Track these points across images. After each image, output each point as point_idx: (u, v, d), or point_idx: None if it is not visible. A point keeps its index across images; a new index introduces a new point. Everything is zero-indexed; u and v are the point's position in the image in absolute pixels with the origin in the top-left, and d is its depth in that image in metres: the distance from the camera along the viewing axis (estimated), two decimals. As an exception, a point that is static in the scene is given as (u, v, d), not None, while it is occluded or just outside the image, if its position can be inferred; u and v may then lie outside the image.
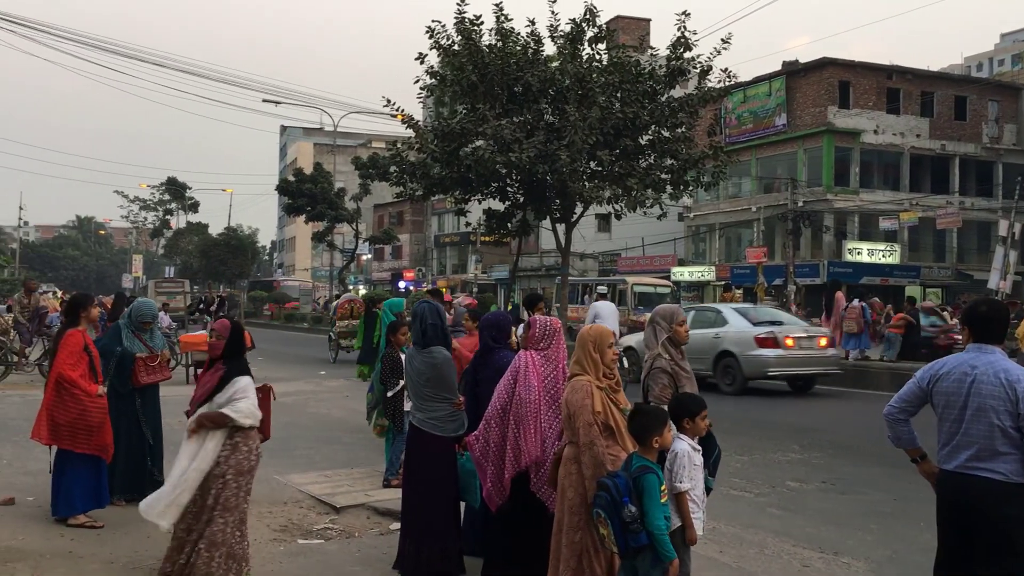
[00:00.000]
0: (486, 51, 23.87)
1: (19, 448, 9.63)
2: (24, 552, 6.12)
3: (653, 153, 25.03)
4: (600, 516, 4.32)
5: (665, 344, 5.48)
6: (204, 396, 5.62)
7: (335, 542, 6.92)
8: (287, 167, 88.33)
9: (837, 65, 41.84)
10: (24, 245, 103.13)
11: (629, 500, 4.26)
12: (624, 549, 4.27)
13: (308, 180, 49.56)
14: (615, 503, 4.25)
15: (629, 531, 4.25)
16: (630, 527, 4.24)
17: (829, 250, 41.06)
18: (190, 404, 5.80)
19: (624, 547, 4.27)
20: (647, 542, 4.28)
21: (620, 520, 4.24)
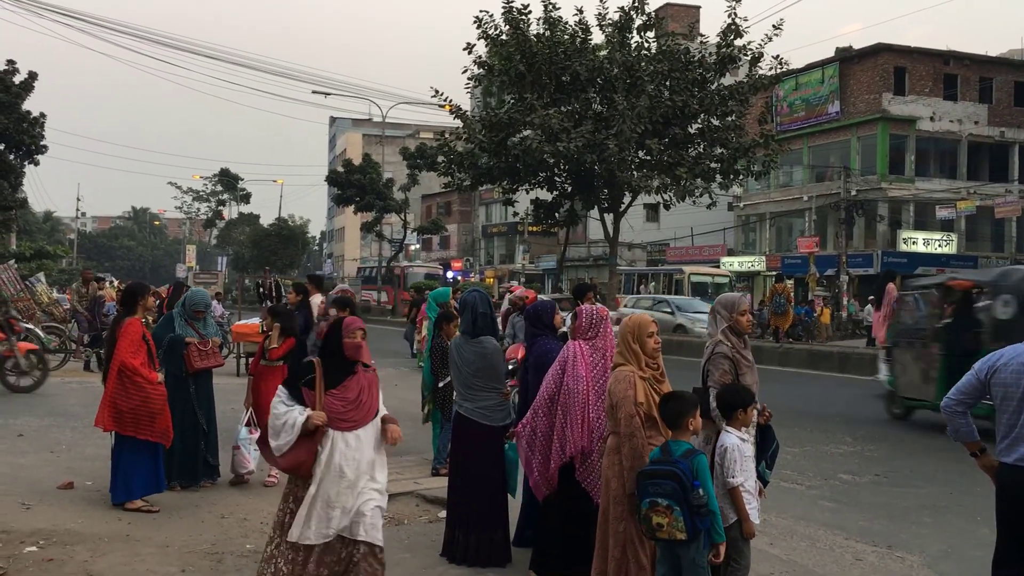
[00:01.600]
0: (534, 40, 23.85)
1: (78, 434, 9.86)
2: (83, 535, 6.27)
3: (703, 142, 24.83)
4: (659, 505, 4.28)
5: (726, 332, 5.40)
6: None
7: (384, 529, 6.96)
8: (336, 158, 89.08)
9: (892, 51, 40.99)
10: (81, 235, 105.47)
11: (699, 484, 4.25)
12: (693, 532, 4.26)
13: (357, 171, 49.93)
14: (685, 489, 4.23)
15: (698, 514, 4.25)
16: (700, 511, 4.25)
17: (883, 240, 40.33)
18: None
19: (693, 531, 4.25)
20: (709, 524, 4.28)
21: (690, 505, 4.23)
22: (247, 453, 7.91)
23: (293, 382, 4.90)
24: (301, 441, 4.73)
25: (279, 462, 4.84)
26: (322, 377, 4.84)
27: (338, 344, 4.94)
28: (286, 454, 4.74)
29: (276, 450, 4.78)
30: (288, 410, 4.75)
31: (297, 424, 4.70)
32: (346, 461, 4.79)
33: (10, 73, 38.72)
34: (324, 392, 4.82)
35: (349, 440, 4.81)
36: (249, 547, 6.27)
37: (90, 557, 5.80)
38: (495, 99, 27.25)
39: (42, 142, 39.93)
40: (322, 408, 4.77)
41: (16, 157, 39.78)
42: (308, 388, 4.82)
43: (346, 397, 4.86)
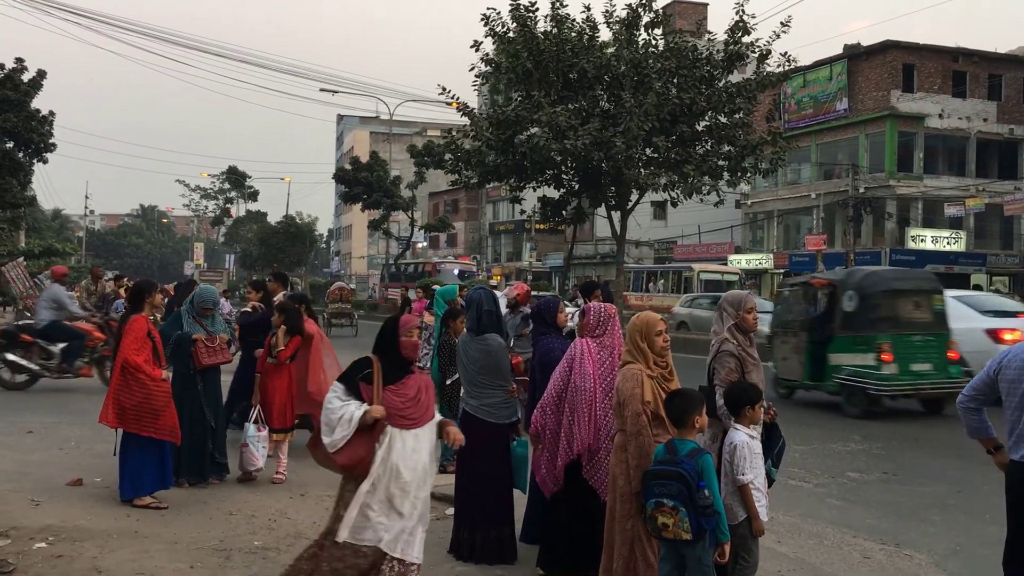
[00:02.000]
0: (541, 38, 23.83)
1: (87, 430, 9.90)
2: (92, 531, 6.30)
3: (710, 139, 24.79)
4: (664, 505, 4.28)
5: (732, 330, 5.39)
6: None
7: (392, 526, 6.98)
8: (344, 156, 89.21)
9: (901, 48, 40.86)
10: (90, 233, 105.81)
11: (705, 484, 4.25)
12: (698, 533, 4.25)
13: (364, 168, 50.00)
14: (690, 489, 4.22)
15: (704, 515, 4.25)
16: (705, 511, 4.24)
17: (891, 237, 40.22)
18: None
19: (699, 531, 4.25)
20: (715, 525, 4.27)
21: (695, 506, 4.23)
22: (255, 451, 7.93)
23: (349, 377, 4.73)
24: (358, 437, 4.55)
25: (336, 459, 4.60)
26: (380, 372, 4.69)
27: (394, 342, 4.79)
28: (342, 450, 4.54)
29: (331, 446, 4.56)
30: (344, 404, 4.59)
31: (355, 418, 4.54)
32: (404, 461, 4.61)
33: (19, 71, 38.82)
34: (382, 388, 4.65)
35: (407, 439, 4.65)
36: (257, 544, 6.29)
37: (99, 553, 5.82)
38: (502, 96, 27.24)
39: (51, 140, 40.03)
40: (380, 403, 4.61)
41: (25, 155, 39.90)
42: (366, 383, 4.66)
43: (405, 394, 4.71)
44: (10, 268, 19.32)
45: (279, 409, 8.16)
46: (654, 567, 4.70)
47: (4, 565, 5.43)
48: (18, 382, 13.40)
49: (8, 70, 38.56)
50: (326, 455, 4.68)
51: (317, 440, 4.79)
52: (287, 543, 6.36)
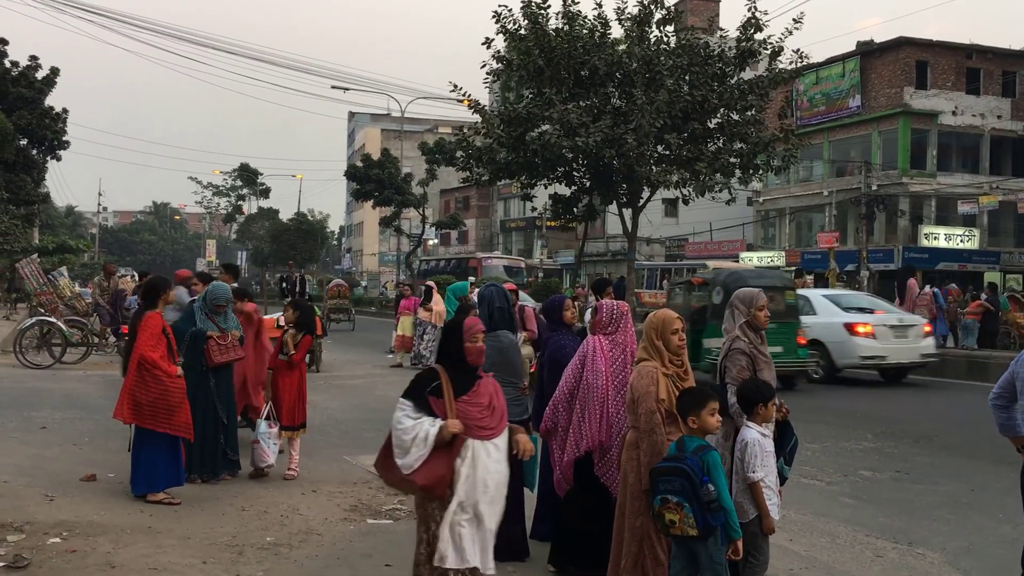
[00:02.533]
0: (552, 35, 23.80)
1: (100, 427, 9.95)
2: (105, 527, 6.33)
3: (722, 136, 24.71)
4: (670, 502, 4.28)
5: (743, 328, 5.38)
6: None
7: (403, 522, 7.00)
8: (355, 153, 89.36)
9: (914, 45, 40.64)
10: (103, 230, 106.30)
11: (708, 480, 4.24)
12: (705, 530, 4.24)
13: (376, 166, 50.05)
14: (694, 485, 4.22)
15: (709, 511, 4.23)
16: (710, 507, 4.22)
17: (904, 235, 40.03)
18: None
19: (705, 528, 4.24)
20: (723, 521, 4.26)
21: (700, 502, 4.22)
22: (267, 447, 7.96)
23: (417, 392, 4.43)
24: (436, 454, 4.27)
25: (415, 480, 4.29)
26: (449, 383, 4.41)
27: (459, 349, 4.53)
28: (419, 470, 4.26)
29: (406, 467, 4.28)
30: (416, 423, 4.30)
31: (430, 436, 4.26)
32: (489, 473, 4.36)
33: (33, 69, 39.06)
34: (454, 399, 4.39)
35: (490, 450, 4.41)
36: (269, 539, 6.31)
37: (113, 548, 5.85)
38: (513, 94, 27.21)
39: (64, 137, 40.26)
40: (455, 416, 4.34)
41: (39, 152, 40.14)
42: (436, 396, 4.38)
43: (479, 403, 4.45)
44: (24, 265, 19.43)
45: (289, 406, 8.19)
46: (663, 564, 4.70)
47: (19, 559, 5.47)
48: None
49: (22, 67, 38.81)
50: (399, 477, 4.36)
51: (387, 461, 4.45)
52: (299, 539, 6.38)
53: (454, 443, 4.30)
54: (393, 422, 4.38)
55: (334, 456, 9.20)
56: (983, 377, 16.96)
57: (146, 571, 5.46)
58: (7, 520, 6.26)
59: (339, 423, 11.44)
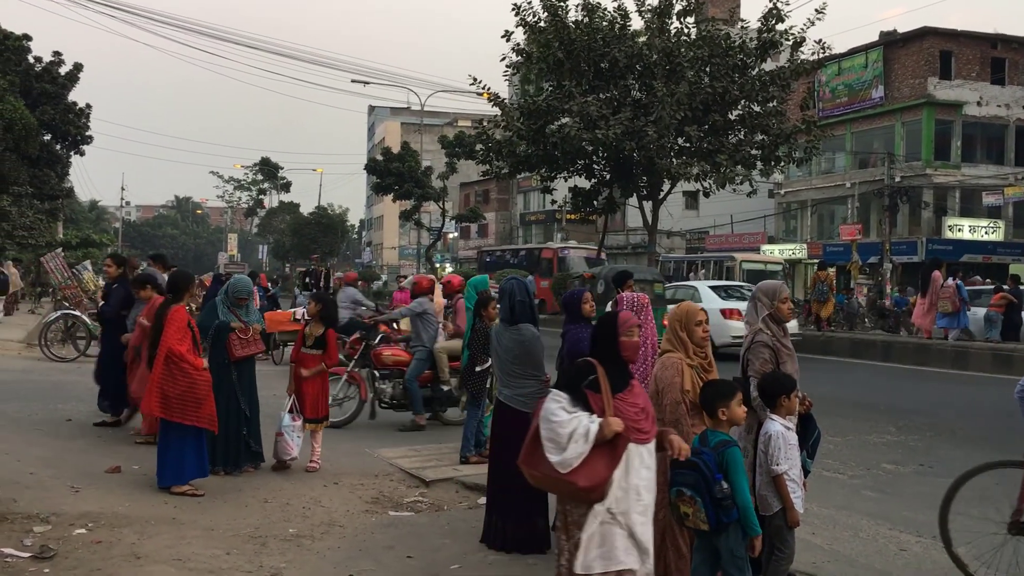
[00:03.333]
0: (572, 27, 23.76)
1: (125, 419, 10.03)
2: (130, 518, 6.39)
3: (743, 128, 24.60)
4: (684, 495, 4.27)
5: (766, 320, 5.35)
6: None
7: (425, 515, 7.03)
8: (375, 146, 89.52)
9: (938, 35, 40.20)
10: (126, 224, 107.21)
11: (721, 476, 4.21)
12: (716, 525, 4.22)
13: (395, 159, 50.15)
14: (706, 480, 4.19)
15: (722, 507, 4.20)
16: (722, 503, 4.19)
17: (928, 227, 39.67)
18: None
19: (716, 523, 4.22)
20: (737, 517, 4.24)
21: (712, 497, 4.19)
22: (291, 440, 8.00)
23: (573, 384, 4.12)
24: (596, 454, 3.92)
25: (574, 481, 3.91)
26: (606, 379, 4.10)
27: (613, 344, 4.25)
28: (579, 470, 3.90)
29: (562, 465, 3.91)
30: (573, 417, 3.96)
31: (591, 432, 3.91)
32: (642, 480, 4.04)
33: (56, 64, 39.41)
34: (611, 396, 4.08)
35: (643, 455, 4.08)
36: (292, 531, 6.35)
37: (137, 539, 5.90)
38: (533, 86, 27.19)
39: (87, 132, 40.63)
40: (612, 414, 4.02)
41: (62, 147, 40.52)
42: (592, 391, 4.07)
43: (635, 403, 4.13)
44: (49, 259, 19.62)
45: (313, 399, 8.23)
46: (686, 557, 4.69)
47: (45, 550, 5.53)
48: None
49: (46, 63, 39.17)
50: (554, 476, 3.98)
51: (532, 456, 4.10)
52: (321, 531, 6.42)
53: (616, 444, 3.94)
54: (544, 413, 4.02)
55: (355, 449, 9.24)
56: (1007, 370, 16.78)
57: (170, 562, 5.50)
58: (34, 511, 6.33)
59: (360, 415, 11.46)
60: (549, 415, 3.99)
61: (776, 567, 4.74)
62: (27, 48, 38.36)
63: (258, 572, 5.51)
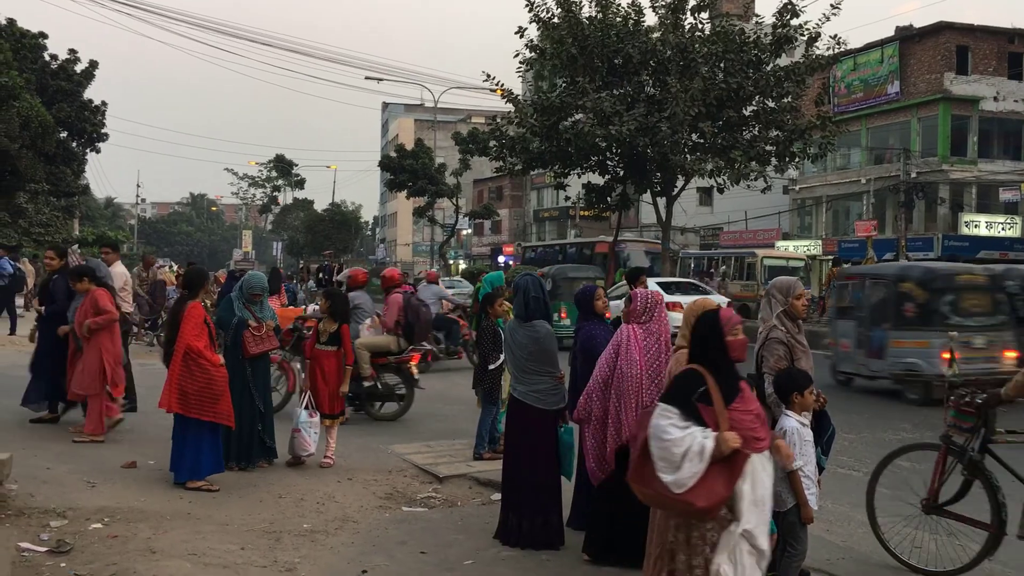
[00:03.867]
0: (586, 23, 23.71)
1: (140, 415, 10.08)
2: (146, 512, 6.43)
3: (758, 124, 24.50)
4: None
5: (780, 317, 5.32)
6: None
7: (438, 510, 7.05)
8: (389, 143, 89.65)
9: (955, 29, 39.90)
10: (141, 221, 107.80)
11: None
12: None
13: (409, 156, 50.20)
14: None
15: None
16: None
17: (944, 223, 39.41)
18: None
19: None
20: None
21: None
22: (307, 436, 8.01)
23: (682, 397, 3.89)
24: (714, 471, 3.74)
25: (692, 501, 3.73)
26: (716, 387, 3.88)
27: (720, 346, 4.02)
28: (695, 489, 3.71)
29: (677, 485, 3.74)
30: (686, 434, 3.76)
31: (707, 449, 3.72)
32: (766, 490, 3.87)
33: (72, 62, 39.64)
34: (725, 406, 3.86)
35: (764, 464, 3.90)
36: (306, 526, 6.38)
37: (153, 534, 5.94)
38: (547, 83, 27.15)
39: (103, 130, 40.86)
40: (727, 427, 3.81)
41: (78, 144, 40.76)
42: (704, 403, 3.85)
43: (750, 410, 3.92)
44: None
45: (329, 394, 8.25)
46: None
47: (62, 544, 5.57)
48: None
49: (62, 61, 39.41)
50: (668, 496, 3.80)
51: (642, 473, 3.93)
52: (335, 526, 6.44)
53: (735, 459, 3.75)
54: (654, 430, 3.84)
55: (369, 445, 9.26)
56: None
57: (186, 556, 5.53)
58: (50, 506, 6.37)
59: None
60: (660, 433, 3.80)
61: (788, 563, 4.73)
62: (43, 46, 38.61)
63: (272, 567, 5.53)
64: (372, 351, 10.55)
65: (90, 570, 5.20)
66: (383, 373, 10.70)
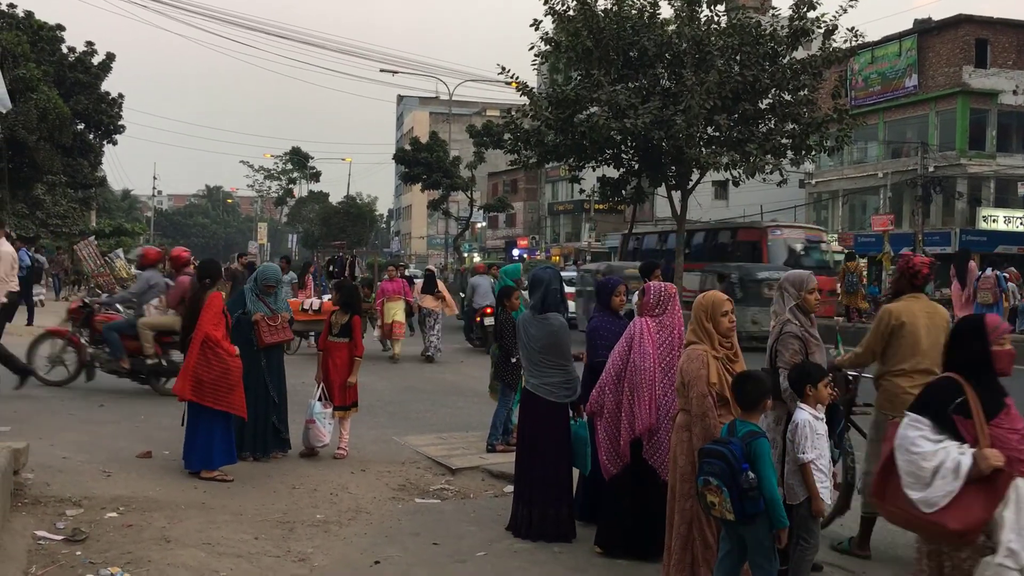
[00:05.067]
0: (601, 15, 23.61)
1: (155, 405, 10.16)
2: (160, 502, 6.47)
3: (774, 117, 24.34)
4: (711, 484, 4.24)
5: (793, 311, 5.30)
6: None
7: (450, 502, 7.06)
8: (403, 136, 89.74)
9: (973, 22, 39.55)
10: (158, 213, 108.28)
11: (748, 467, 4.18)
12: (742, 516, 4.20)
13: (424, 149, 50.21)
14: (733, 470, 4.17)
15: (747, 498, 4.17)
16: (748, 494, 4.16)
17: (961, 218, 39.12)
18: None
19: (742, 514, 4.19)
20: (763, 508, 4.21)
21: (738, 487, 4.16)
22: (323, 427, 8.05)
23: (936, 408, 3.58)
24: (969, 492, 3.41)
25: (943, 523, 3.43)
26: (977, 401, 3.53)
27: (982, 355, 3.63)
28: (948, 510, 3.41)
29: (926, 504, 3.46)
30: (938, 448, 3.47)
31: (962, 466, 3.41)
32: None
33: (89, 54, 39.80)
34: (986, 422, 3.50)
35: None
36: (319, 517, 6.41)
37: (168, 523, 5.98)
38: (562, 76, 27.06)
39: (120, 122, 41.02)
40: (987, 443, 3.46)
41: (95, 136, 40.95)
42: (962, 416, 3.52)
43: (1016, 427, 3.54)
44: (82, 247, 19.90)
45: (342, 386, 8.28)
46: (712, 548, 4.68)
47: (78, 533, 5.62)
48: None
49: (79, 53, 39.57)
50: (916, 516, 3.53)
51: (885, 489, 3.68)
52: (348, 517, 6.47)
53: (996, 480, 3.39)
54: (901, 442, 3.57)
55: (382, 436, 9.29)
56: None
57: (200, 546, 5.57)
58: (66, 495, 6.42)
59: (387, 404, 11.55)
60: (909, 445, 3.51)
61: (801, 557, 4.72)
62: (60, 38, 38.76)
63: (286, 556, 5.56)
64: (156, 330, 10.82)
65: (105, 558, 5.24)
66: (169, 350, 10.97)
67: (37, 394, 10.57)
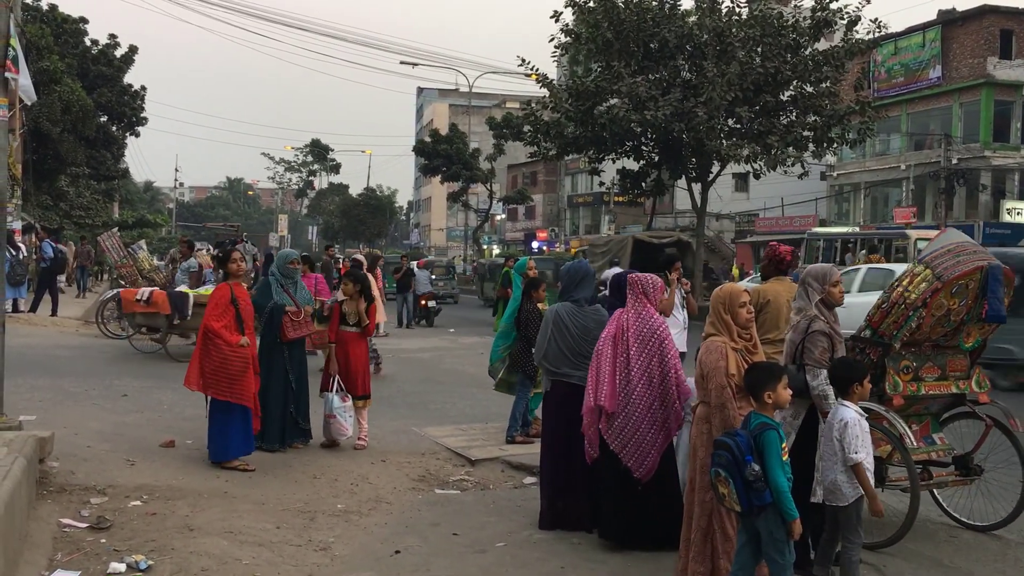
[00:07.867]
0: (621, 7, 23.53)
1: (178, 395, 10.23)
2: (184, 491, 6.54)
3: (795, 109, 24.21)
4: (720, 475, 4.25)
5: (819, 306, 5.27)
6: None
7: (470, 493, 7.09)
8: (423, 128, 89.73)
9: (998, 13, 39.10)
10: (180, 205, 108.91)
11: (752, 459, 4.17)
12: (747, 508, 4.20)
13: (443, 141, 50.24)
14: (737, 462, 4.16)
15: (753, 490, 4.16)
16: (753, 486, 4.15)
17: (985, 210, 38.73)
18: None
19: (748, 506, 4.19)
20: (771, 500, 4.19)
21: (743, 479, 4.16)
22: (344, 421, 8.08)
23: None
24: None
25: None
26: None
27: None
28: None
29: None
30: None
31: None
32: None
33: (112, 47, 40.04)
34: None
35: None
36: (340, 506, 6.45)
37: (190, 512, 6.05)
38: (582, 67, 27.02)
39: (142, 114, 41.25)
40: None
41: (118, 129, 41.22)
42: None
43: None
44: (105, 238, 20.03)
45: (360, 377, 8.32)
46: (732, 540, 4.67)
47: (102, 521, 5.69)
48: None
49: (102, 46, 39.83)
50: None
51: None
52: (369, 507, 6.51)
53: None
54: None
55: (402, 427, 9.33)
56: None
57: (222, 534, 5.63)
58: (91, 483, 6.50)
59: (407, 395, 11.60)
60: None
61: (848, 559, 4.71)
62: (84, 31, 39.02)
63: (307, 546, 5.61)
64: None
65: (129, 546, 5.31)
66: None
67: (61, 384, 10.69)
